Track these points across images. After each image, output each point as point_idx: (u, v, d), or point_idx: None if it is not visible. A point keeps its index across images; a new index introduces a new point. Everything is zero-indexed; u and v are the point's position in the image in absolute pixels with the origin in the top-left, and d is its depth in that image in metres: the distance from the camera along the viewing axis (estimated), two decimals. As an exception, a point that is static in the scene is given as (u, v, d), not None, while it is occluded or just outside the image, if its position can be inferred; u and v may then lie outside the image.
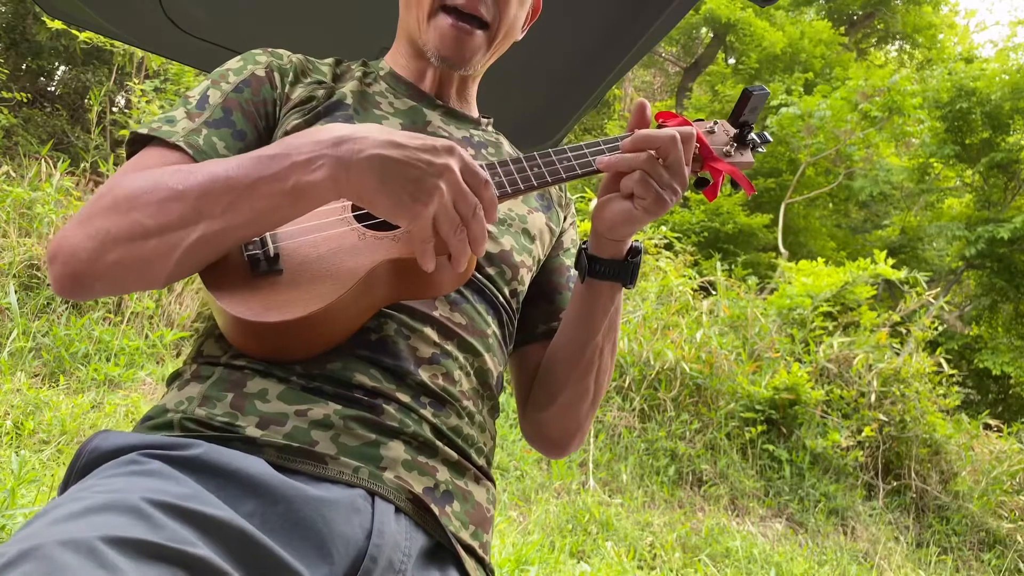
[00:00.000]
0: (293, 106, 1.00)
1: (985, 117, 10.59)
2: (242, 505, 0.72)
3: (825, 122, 10.48)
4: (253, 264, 0.82)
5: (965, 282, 11.87)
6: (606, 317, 1.01)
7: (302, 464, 0.78)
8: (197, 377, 0.86)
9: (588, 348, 1.02)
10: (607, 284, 0.99)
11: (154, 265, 0.79)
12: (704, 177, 1.02)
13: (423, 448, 0.86)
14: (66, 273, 0.79)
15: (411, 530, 0.80)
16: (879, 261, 7.47)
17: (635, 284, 0.99)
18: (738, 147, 1.03)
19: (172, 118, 0.93)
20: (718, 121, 1.04)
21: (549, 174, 0.92)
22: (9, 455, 3.01)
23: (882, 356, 6.68)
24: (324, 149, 0.77)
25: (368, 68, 1.12)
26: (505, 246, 1.02)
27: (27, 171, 5.32)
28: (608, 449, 5.38)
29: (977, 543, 5.90)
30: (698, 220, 11.25)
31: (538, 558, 3.57)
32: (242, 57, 1.03)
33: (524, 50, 1.66)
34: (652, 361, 5.95)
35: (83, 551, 0.58)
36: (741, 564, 4.43)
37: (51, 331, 4.16)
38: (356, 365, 0.85)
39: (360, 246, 0.84)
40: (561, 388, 1.05)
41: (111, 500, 0.66)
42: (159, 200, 0.78)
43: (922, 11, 15.28)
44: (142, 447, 0.76)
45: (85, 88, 7.80)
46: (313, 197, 0.78)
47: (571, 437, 1.09)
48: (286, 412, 0.81)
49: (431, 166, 0.78)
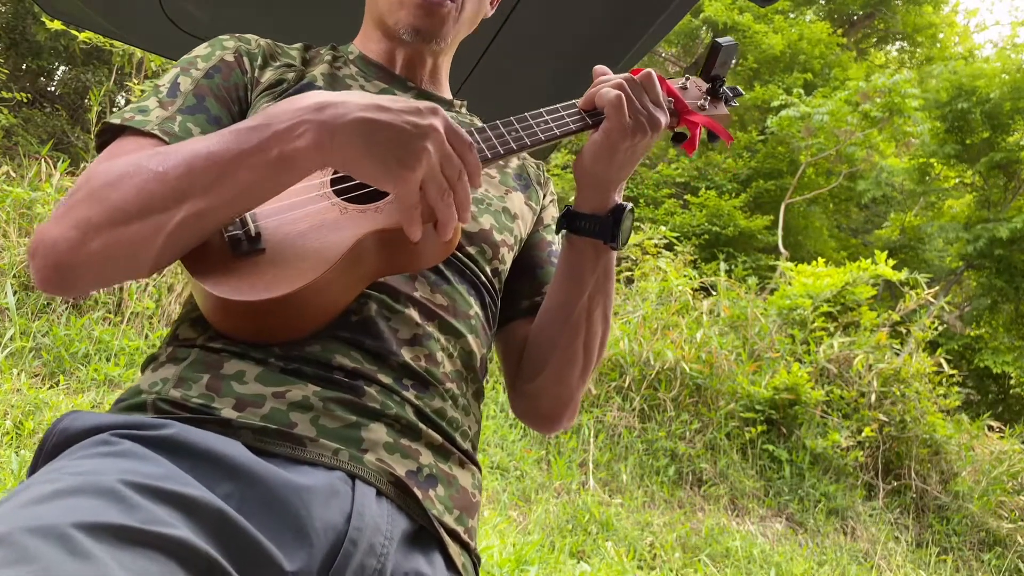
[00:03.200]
0: (263, 89, 0.98)
1: (985, 117, 10.58)
2: (218, 487, 0.69)
3: (825, 123, 10.48)
4: (234, 245, 0.79)
5: (965, 282, 11.87)
6: (592, 277, 0.99)
7: (280, 446, 0.76)
8: (172, 359, 0.84)
9: (575, 310, 1.00)
10: (589, 242, 0.97)
11: (139, 250, 0.76)
12: (682, 132, 1.02)
13: (406, 431, 0.84)
14: (48, 265, 0.76)
15: (393, 514, 0.78)
16: (879, 261, 7.47)
17: (620, 244, 0.96)
18: (712, 100, 1.03)
19: (145, 108, 0.90)
20: (690, 77, 1.05)
21: (527, 136, 0.91)
22: (9, 455, 3.01)
23: (882, 356, 6.68)
24: (306, 115, 0.75)
25: (337, 52, 1.10)
26: (484, 225, 1.00)
27: (27, 171, 5.32)
28: (608, 449, 5.38)
29: (977, 543, 5.90)
30: (699, 223, 11.24)
31: (538, 558, 3.57)
32: (209, 43, 1.01)
33: (523, 51, 1.66)
34: (652, 361, 5.94)
35: (54, 537, 0.55)
36: (741, 564, 4.44)
37: (51, 331, 4.16)
38: (336, 346, 0.83)
39: (343, 220, 0.82)
40: (550, 354, 1.02)
41: (83, 482, 0.63)
42: (140, 183, 0.75)
43: (922, 11, 15.27)
44: (114, 427, 0.74)
45: (85, 88, 7.81)
46: (298, 166, 0.76)
47: (563, 408, 1.06)
48: (264, 394, 0.79)
49: (417, 128, 0.76)
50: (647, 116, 0.92)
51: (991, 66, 11.14)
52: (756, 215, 11.61)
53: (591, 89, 0.95)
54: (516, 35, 1.60)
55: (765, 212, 11.67)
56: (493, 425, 5.14)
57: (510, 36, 1.60)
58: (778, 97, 11.31)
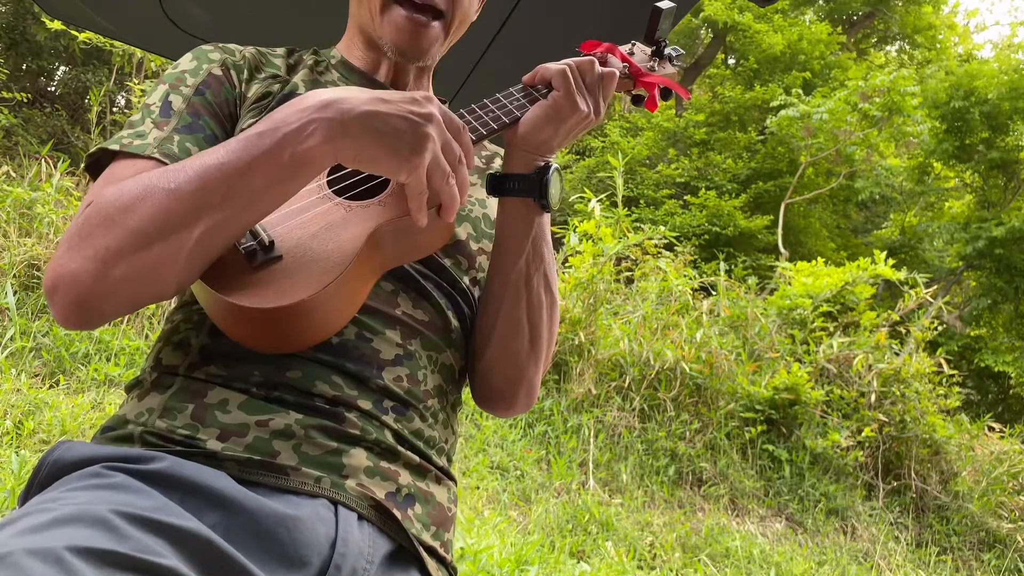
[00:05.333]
0: (250, 104, 0.98)
1: (984, 117, 10.58)
2: (205, 517, 0.71)
3: (824, 123, 10.47)
4: (250, 257, 0.80)
5: (965, 282, 11.87)
6: (527, 240, 0.97)
7: (264, 477, 0.78)
8: (157, 386, 0.85)
9: (512, 274, 0.97)
10: (519, 202, 0.97)
11: (162, 271, 0.75)
12: (639, 94, 1.08)
13: (385, 454, 0.85)
14: (71, 302, 0.75)
15: (375, 536, 0.80)
16: (879, 261, 7.47)
17: (550, 202, 0.96)
18: (660, 61, 1.10)
19: (141, 132, 0.89)
20: (635, 43, 1.10)
21: (504, 115, 0.94)
22: (9, 455, 3.01)
23: (882, 356, 6.68)
24: (313, 114, 0.75)
25: (319, 56, 1.09)
26: (460, 235, 1.01)
27: (27, 171, 5.32)
28: (608, 449, 5.38)
29: (977, 543, 5.91)
30: (699, 223, 11.24)
31: (538, 558, 3.57)
32: (194, 56, 0.99)
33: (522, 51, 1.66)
34: (652, 361, 5.94)
35: (51, 560, 0.58)
36: (741, 564, 4.44)
37: (51, 331, 4.16)
38: (317, 372, 0.84)
39: (350, 218, 0.84)
40: (494, 324, 0.99)
41: (77, 512, 0.66)
42: (155, 203, 0.74)
43: (922, 11, 15.27)
44: (106, 459, 0.76)
45: (85, 88, 7.80)
46: (312, 164, 0.77)
47: (515, 387, 1.03)
48: (247, 423, 0.80)
49: (419, 116, 0.78)
50: (586, 95, 0.95)
51: (989, 67, 11.14)
52: (756, 215, 11.61)
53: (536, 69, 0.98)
54: (516, 35, 1.60)
55: (765, 212, 11.67)
56: (493, 425, 5.14)
57: (510, 36, 1.60)
58: (778, 97, 11.31)
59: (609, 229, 6.53)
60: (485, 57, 1.67)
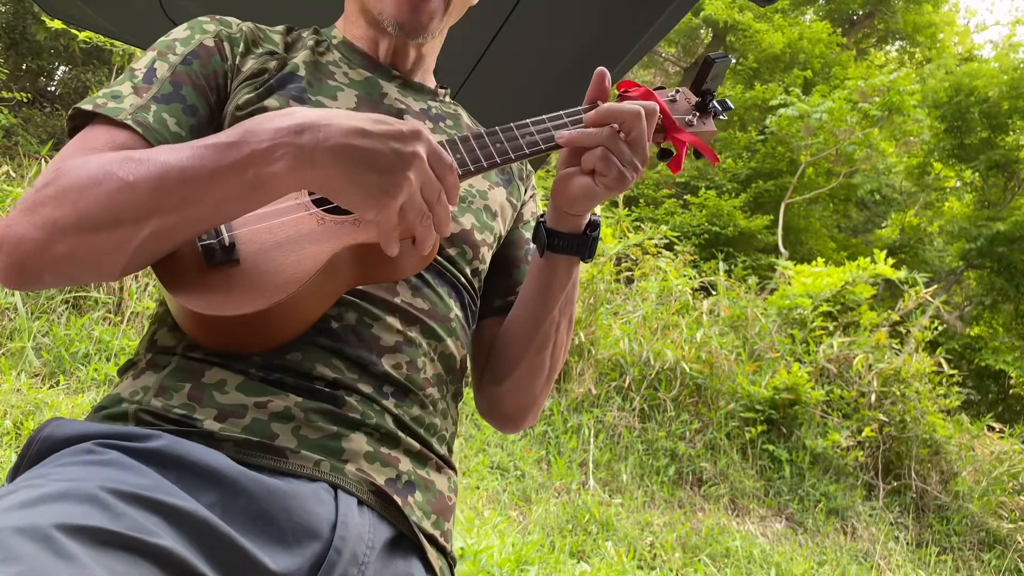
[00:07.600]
0: (244, 79, 0.95)
1: (984, 116, 10.58)
2: (203, 496, 0.70)
3: (824, 122, 10.47)
4: (208, 255, 0.77)
5: (965, 282, 11.87)
6: (563, 292, 0.98)
7: (262, 459, 0.76)
8: (153, 366, 0.83)
9: (545, 323, 0.99)
10: (565, 258, 0.97)
11: (104, 259, 0.74)
12: (668, 148, 1.00)
13: (385, 439, 0.84)
14: (12, 263, 0.75)
15: (375, 522, 0.79)
16: (879, 261, 7.47)
17: (593, 258, 0.97)
18: (700, 116, 1.01)
19: (118, 93, 0.87)
20: (680, 89, 1.03)
21: (512, 149, 0.89)
22: (9, 455, 3.01)
23: (882, 356, 6.68)
24: (285, 137, 0.72)
25: (320, 36, 1.07)
26: (465, 225, 1.00)
27: (27, 171, 5.32)
28: (608, 449, 5.38)
29: (977, 543, 5.91)
30: (698, 223, 11.24)
31: (538, 558, 3.57)
32: (189, 25, 0.97)
33: (522, 51, 1.66)
34: (652, 361, 5.94)
35: (38, 538, 0.57)
36: (741, 564, 4.44)
37: (51, 331, 4.16)
38: (317, 355, 0.82)
39: (320, 232, 0.81)
40: (516, 363, 1.02)
41: (67, 488, 0.64)
42: (109, 192, 0.73)
43: (922, 10, 15.27)
44: (98, 436, 0.74)
45: (85, 88, 7.80)
46: (273, 189, 0.74)
47: (525, 412, 1.07)
48: (245, 404, 0.78)
49: (400, 156, 0.73)
50: (632, 167, 0.89)
51: (989, 66, 11.14)
52: (756, 215, 11.61)
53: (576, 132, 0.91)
54: (516, 34, 1.60)
55: (765, 212, 11.67)
56: (493, 425, 5.14)
57: (510, 35, 1.60)
58: (778, 96, 11.30)
59: (609, 229, 6.53)
60: (485, 58, 1.67)
